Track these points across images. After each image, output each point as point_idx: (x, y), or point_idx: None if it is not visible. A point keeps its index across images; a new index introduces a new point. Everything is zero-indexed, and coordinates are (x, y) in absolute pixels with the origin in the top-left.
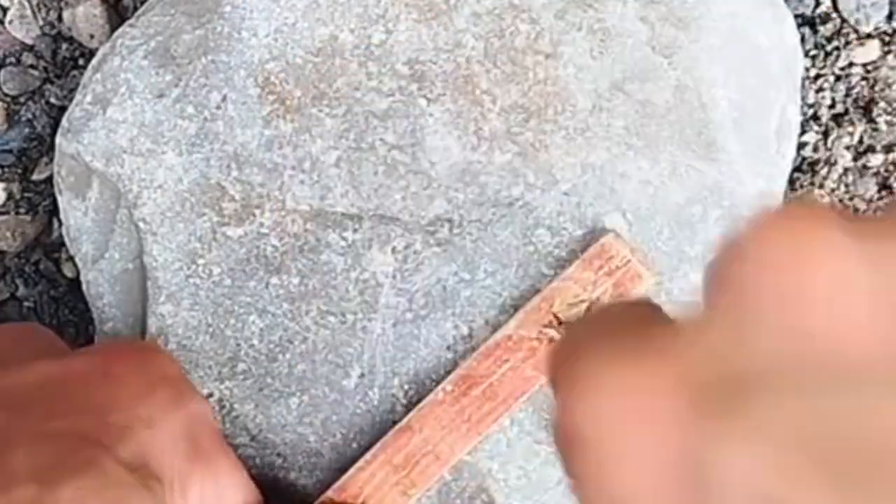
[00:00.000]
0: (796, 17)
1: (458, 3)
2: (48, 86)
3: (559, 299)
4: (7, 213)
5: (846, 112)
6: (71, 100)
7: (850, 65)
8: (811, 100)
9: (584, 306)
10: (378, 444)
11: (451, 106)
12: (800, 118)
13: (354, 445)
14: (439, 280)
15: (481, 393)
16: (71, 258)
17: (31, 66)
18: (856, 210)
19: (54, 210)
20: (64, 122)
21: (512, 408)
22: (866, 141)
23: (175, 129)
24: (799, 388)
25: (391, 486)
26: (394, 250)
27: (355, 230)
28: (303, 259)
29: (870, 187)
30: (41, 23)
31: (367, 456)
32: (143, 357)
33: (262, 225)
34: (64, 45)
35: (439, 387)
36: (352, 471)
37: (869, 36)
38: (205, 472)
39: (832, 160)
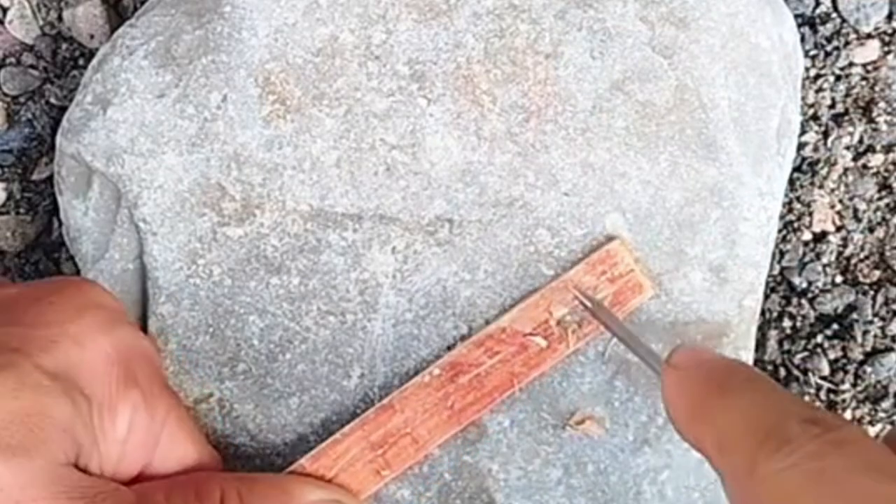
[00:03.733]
0: (796, 17)
1: (459, 3)
2: (48, 86)
3: (558, 300)
4: (7, 213)
5: (846, 112)
6: (71, 100)
7: (850, 65)
8: (811, 100)
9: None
10: (357, 420)
11: (452, 106)
12: (800, 118)
13: None
14: (439, 280)
15: (468, 382)
16: (71, 258)
17: (31, 66)
18: (855, 210)
19: (54, 210)
20: (64, 122)
21: (496, 402)
22: (866, 141)
23: (175, 129)
24: None
25: (365, 463)
26: (394, 250)
27: (355, 230)
28: (303, 259)
29: (870, 187)
30: (41, 23)
31: (345, 429)
32: (76, 286)
33: (262, 225)
34: (64, 45)
35: (426, 370)
36: (327, 442)
37: (869, 36)
38: (137, 401)
39: (832, 160)
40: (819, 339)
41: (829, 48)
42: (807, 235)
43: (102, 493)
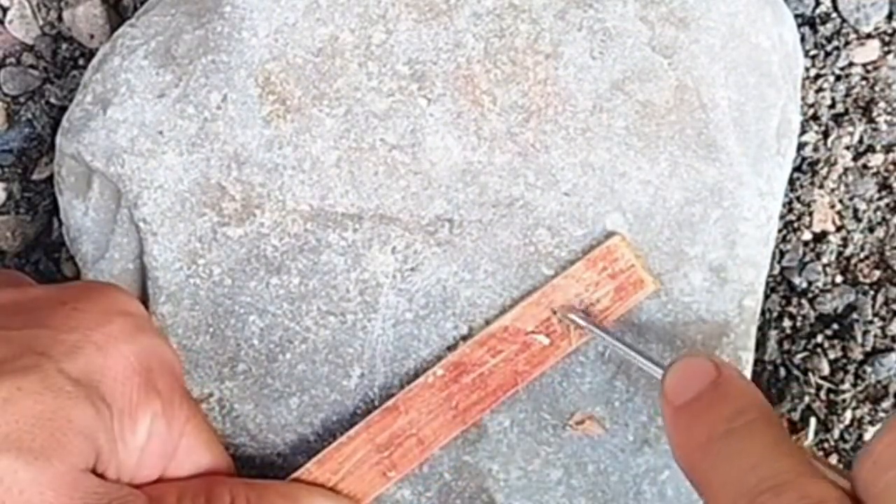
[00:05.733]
0: (796, 17)
1: (459, 3)
2: (48, 86)
3: (559, 296)
4: (7, 213)
5: (846, 112)
6: (71, 100)
7: (850, 65)
8: (811, 100)
9: (582, 306)
10: (362, 422)
11: (452, 106)
12: (800, 118)
13: None
14: (439, 280)
15: (471, 381)
16: (71, 258)
17: (31, 66)
18: (856, 210)
19: (54, 210)
20: (64, 122)
21: (500, 400)
22: (866, 141)
23: (175, 129)
24: None
25: (371, 465)
26: (394, 250)
27: (355, 230)
28: (303, 259)
29: (870, 187)
30: (41, 23)
31: (351, 432)
32: (103, 292)
33: (262, 225)
34: (64, 45)
35: (430, 370)
36: (333, 445)
37: (869, 36)
38: (157, 410)
39: (832, 160)
40: (819, 339)
41: (829, 48)
42: (807, 235)
43: (117, 498)
